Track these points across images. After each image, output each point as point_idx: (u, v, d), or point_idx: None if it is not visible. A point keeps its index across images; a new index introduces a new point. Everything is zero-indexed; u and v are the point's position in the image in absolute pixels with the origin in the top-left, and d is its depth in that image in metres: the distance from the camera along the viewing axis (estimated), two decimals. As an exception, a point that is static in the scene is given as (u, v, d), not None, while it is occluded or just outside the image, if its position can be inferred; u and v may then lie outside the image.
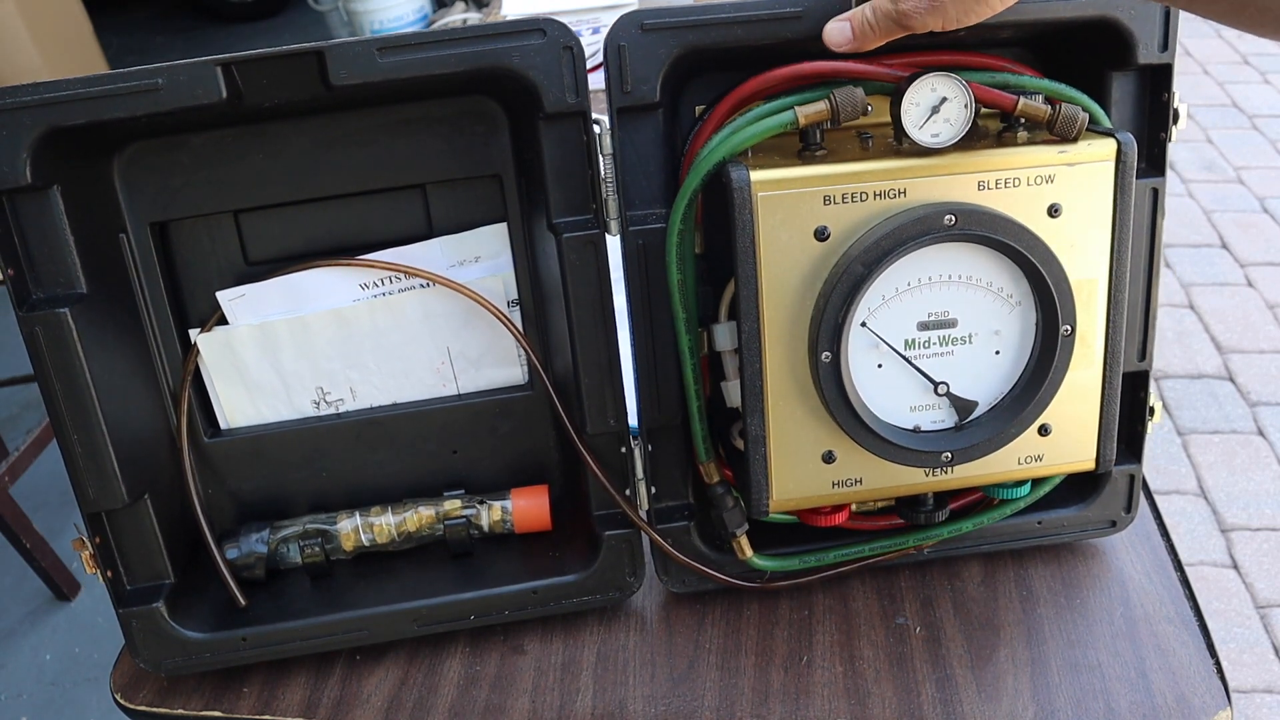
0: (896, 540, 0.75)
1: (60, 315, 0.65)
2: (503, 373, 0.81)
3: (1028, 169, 0.63)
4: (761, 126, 0.63)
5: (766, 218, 0.62)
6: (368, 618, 0.75)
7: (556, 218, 0.70)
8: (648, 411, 0.72)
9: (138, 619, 0.72)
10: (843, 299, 0.62)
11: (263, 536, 0.77)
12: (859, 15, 0.61)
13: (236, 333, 0.76)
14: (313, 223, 0.76)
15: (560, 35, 0.64)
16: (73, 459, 0.68)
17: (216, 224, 0.74)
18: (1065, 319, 0.64)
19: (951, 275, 0.64)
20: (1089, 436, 0.69)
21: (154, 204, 0.72)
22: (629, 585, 0.77)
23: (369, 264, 0.75)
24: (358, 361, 0.78)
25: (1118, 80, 0.70)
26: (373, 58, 0.63)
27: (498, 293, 0.77)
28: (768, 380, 0.65)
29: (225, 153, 0.71)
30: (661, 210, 0.69)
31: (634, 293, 0.70)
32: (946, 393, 0.66)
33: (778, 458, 0.67)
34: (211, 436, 0.78)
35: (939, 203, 0.62)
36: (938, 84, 0.61)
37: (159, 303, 0.74)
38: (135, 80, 0.61)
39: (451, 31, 0.63)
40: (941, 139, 0.62)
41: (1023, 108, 0.63)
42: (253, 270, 0.76)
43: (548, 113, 0.66)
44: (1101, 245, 0.65)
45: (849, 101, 0.62)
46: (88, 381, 0.66)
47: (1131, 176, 0.63)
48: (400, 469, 0.81)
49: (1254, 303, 2.45)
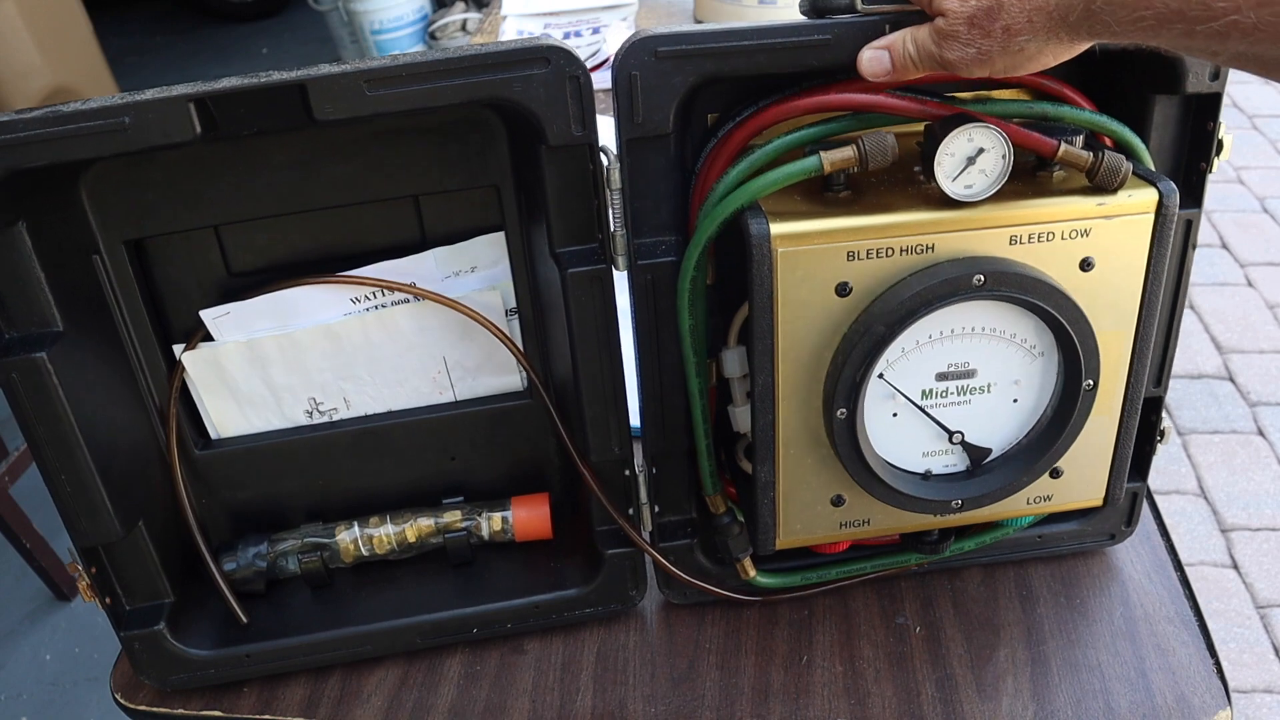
0: (899, 559, 0.75)
1: (37, 361, 0.61)
2: (501, 380, 0.78)
3: (1063, 222, 0.59)
4: (782, 174, 0.58)
5: (786, 274, 0.58)
6: (372, 633, 0.75)
7: (559, 247, 0.65)
8: (653, 440, 0.71)
9: (140, 641, 0.72)
10: (862, 358, 0.60)
11: (261, 551, 0.76)
12: (899, 47, 0.56)
13: (223, 349, 0.72)
14: (299, 232, 0.71)
15: (566, 64, 0.58)
16: (63, 499, 0.66)
17: (196, 237, 0.70)
18: (1089, 374, 0.62)
19: (975, 328, 0.62)
20: (1100, 476, 0.69)
21: (126, 221, 0.67)
22: (631, 599, 0.77)
23: (358, 281, 0.71)
24: (351, 374, 0.75)
25: (1161, 104, 0.65)
26: (360, 91, 0.57)
27: (495, 305, 0.74)
28: (780, 431, 0.63)
29: (201, 167, 0.66)
30: (671, 238, 0.65)
31: (642, 325, 0.66)
32: (961, 441, 0.65)
33: (786, 502, 0.66)
34: (202, 448, 0.76)
35: (968, 259, 0.59)
36: (975, 134, 0.57)
37: (139, 320, 0.70)
38: (100, 119, 0.56)
39: (446, 61, 0.57)
40: (975, 190, 0.58)
41: (1064, 154, 0.59)
42: (237, 282, 0.72)
43: (551, 145, 0.61)
44: (1132, 297, 0.62)
45: (878, 149, 0.58)
46: (71, 424, 0.63)
47: (1171, 229, 0.60)
48: (398, 476, 0.79)
49: (1254, 303, 2.42)
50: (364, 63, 0.58)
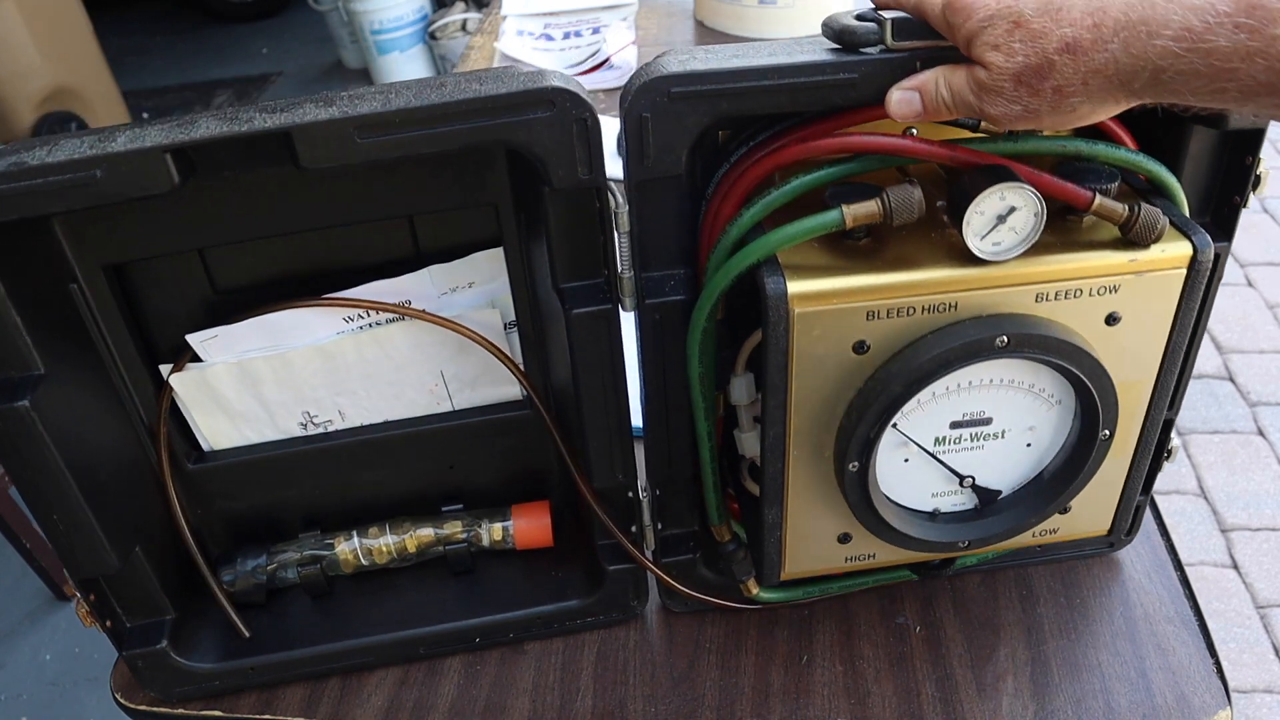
0: (900, 574, 0.76)
1: (20, 410, 0.59)
2: (500, 390, 0.76)
3: (1092, 279, 0.56)
4: (801, 229, 0.55)
5: (803, 333, 0.56)
6: (374, 645, 0.75)
7: (563, 282, 0.62)
8: (657, 468, 0.69)
9: (143, 659, 0.72)
10: (877, 417, 0.58)
11: (260, 563, 0.76)
12: (931, 90, 0.52)
13: (212, 370, 0.70)
14: (288, 250, 0.67)
15: (573, 107, 0.54)
16: (57, 537, 0.64)
17: (179, 258, 0.66)
18: (1106, 425, 0.61)
19: (994, 380, 0.60)
20: (1107, 509, 0.68)
21: (104, 248, 0.63)
22: (633, 609, 0.78)
23: (349, 303, 0.68)
24: (345, 389, 0.73)
25: (1198, 134, 0.62)
26: (350, 138, 0.53)
27: (494, 324, 0.71)
28: (789, 477, 0.62)
29: (183, 191, 0.61)
30: (680, 271, 0.63)
31: (649, 363, 0.64)
32: (972, 485, 0.64)
33: (793, 540, 0.66)
34: (195, 461, 0.74)
35: (991, 319, 0.56)
36: (1008, 193, 0.53)
37: (123, 344, 0.67)
38: (69, 173, 0.51)
39: (444, 106, 0.53)
40: (1003, 248, 0.55)
41: (1098, 207, 0.56)
42: (223, 299, 0.69)
43: (555, 188, 0.57)
44: (1155, 350, 0.60)
45: (904, 205, 0.54)
46: (59, 466, 0.61)
47: (1202, 285, 0.58)
48: (396, 484, 0.78)
49: (1254, 303, 2.37)
50: (354, 105, 0.53)
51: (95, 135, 0.53)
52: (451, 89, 0.54)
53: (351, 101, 0.53)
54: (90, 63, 3.18)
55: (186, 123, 0.53)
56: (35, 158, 0.51)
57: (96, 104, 3.20)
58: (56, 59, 2.98)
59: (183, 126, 0.53)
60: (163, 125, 0.53)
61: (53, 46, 2.97)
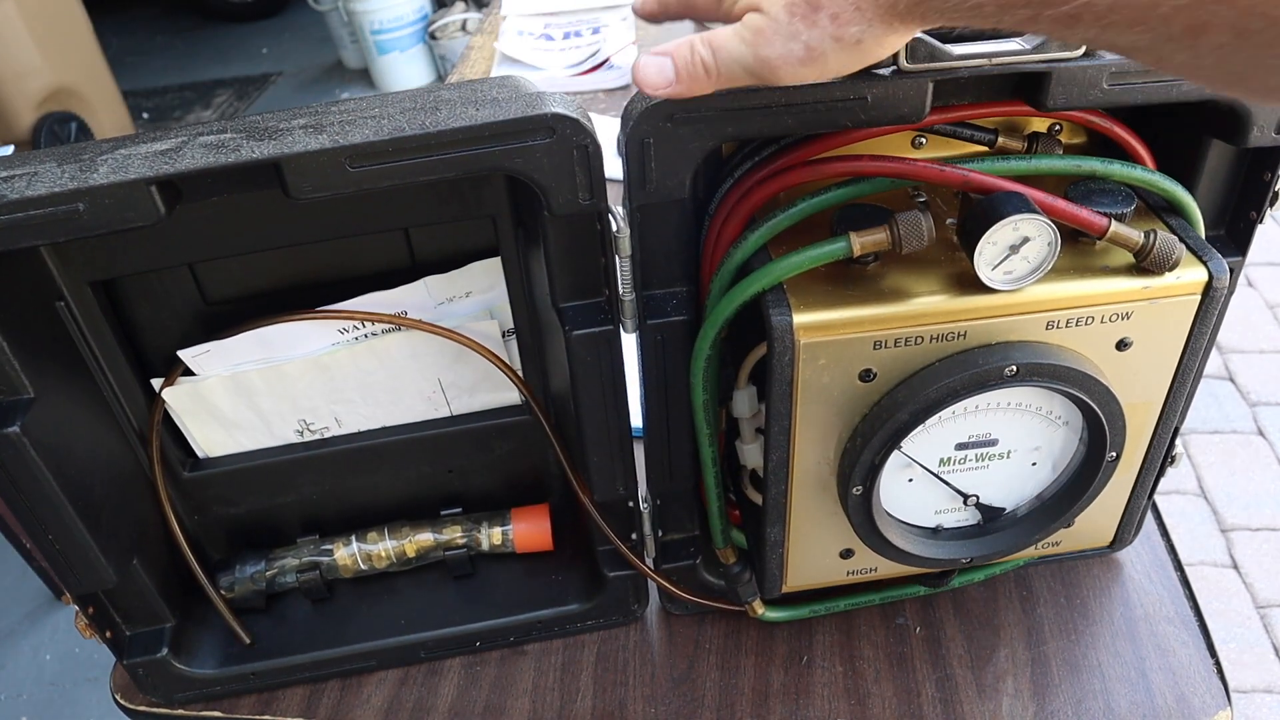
0: (906, 591, 0.75)
1: (10, 436, 0.57)
2: (498, 395, 0.75)
3: (1104, 306, 0.55)
4: (808, 258, 0.54)
5: (808, 363, 0.55)
6: (375, 650, 0.75)
7: (562, 301, 0.61)
8: (658, 481, 0.69)
9: (144, 667, 0.72)
10: (883, 444, 0.57)
11: (259, 569, 0.75)
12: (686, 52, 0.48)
13: (205, 383, 0.68)
14: (280, 262, 0.66)
15: (573, 134, 0.52)
16: (53, 556, 0.64)
17: (168, 273, 0.64)
18: (1113, 447, 0.60)
19: (1001, 404, 0.59)
20: (1111, 522, 0.68)
21: (90, 264, 0.61)
22: (633, 613, 0.78)
23: (344, 315, 0.67)
24: (342, 398, 0.72)
25: (1216, 149, 0.60)
26: (342, 169, 0.51)
27: (492, 334, 0.70)
28: (792, 498, 0.62)
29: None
30: (682, 289, 0.61)
31: (650, 383, 0.63)
32: (976, 503, 0.64)
33: (795, 555, 0.65)
34: (191, 469, 0.73)
35: (1000, 347, 0.55)
36: (1022, 224, 0.52)
37: (113, 359, 0.66)
38: (50, 207, 0.49)
39: (439, 134, 0.51)
40: (1015, 277, 0.54)
41: (1113, 234, 0.54)
42: (215, 310, 0.67)
43: (555, 214, 0.55)
44: (1165, 372, 0.59)
45: (913, 234, 0.53)
46: (53, 487, 0.61)
47: (1215, 310, 0.56)
48: (394, 488, 0.77)
49: (1254, 303, 2.34)
50: (345, 132, 0.51)
51: (76, 165, 0.51)
52: (446, 114, 0.52)
53: (342, 128, 0.51)
54: (90, 63, 3.18)
55: (171, 151, 0.51)
56: (15, 190, 0.49)
57: (96, 104, 3.16)
58: (56, 59, 2.97)
59: (167, 156, 0.51)
60: (147, 151, 0.51)
61: (53, 46, 2.96)
